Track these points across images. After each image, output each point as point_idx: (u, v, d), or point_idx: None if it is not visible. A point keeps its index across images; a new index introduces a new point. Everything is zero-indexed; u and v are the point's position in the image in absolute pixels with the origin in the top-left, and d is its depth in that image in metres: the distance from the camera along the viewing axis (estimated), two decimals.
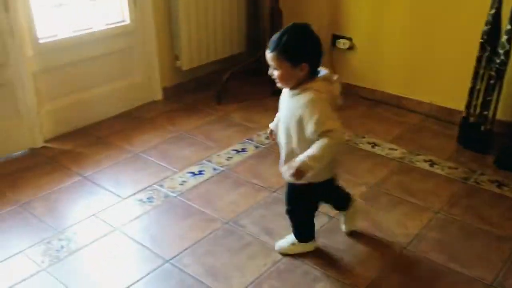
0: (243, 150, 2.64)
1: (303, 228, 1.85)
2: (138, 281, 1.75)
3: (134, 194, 2.26)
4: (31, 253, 1.88)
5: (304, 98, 1.57)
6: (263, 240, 1.95)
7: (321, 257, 1.86)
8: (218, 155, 2.59)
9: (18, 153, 2.60)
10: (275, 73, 1.59)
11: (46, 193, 2.26)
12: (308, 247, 1.87)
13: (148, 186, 2.31)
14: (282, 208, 2.12)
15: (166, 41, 3.16)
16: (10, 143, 2.55)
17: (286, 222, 2.04)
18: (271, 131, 1.84)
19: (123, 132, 2.84)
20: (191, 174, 2.42)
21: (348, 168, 2.44)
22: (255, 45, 3.50)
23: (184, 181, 2.36)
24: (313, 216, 1.84)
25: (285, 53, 1.54)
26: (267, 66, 1.63)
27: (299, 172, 1.55)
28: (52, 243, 1.94)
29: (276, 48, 1.55)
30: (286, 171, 1.60)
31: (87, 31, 2.78)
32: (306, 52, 1.56)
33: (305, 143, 1.59)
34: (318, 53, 1.59)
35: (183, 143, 2.72)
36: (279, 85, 1.63)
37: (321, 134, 1.54)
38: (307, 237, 1.86)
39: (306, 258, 1.85)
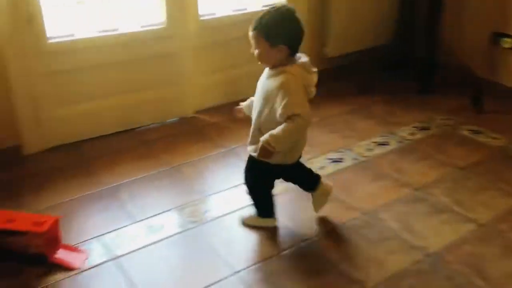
0: (385, 143, 2.56)
1: (263, 205, 1.91)
2: (276, 255, 1.80)
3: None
4: (179, 212, 2.03)
5: (278, 80, 1.63)
6: (404, 237, 1.88)
7: (469, 262, 1.74)
8: (359, 145, 2.55)
9: (170, 120, 2.81)
10: (255, 52, 1.65)
11: (194, 160, 2.41)
12: (269, 222, 1.92)
13: None
14: (426, 207, 2.04)
15: (315, 26, 3.17)
16: (165, 110, 2.77)
17: (429, 221, 1.96)
18: (238, 108, 1.91)
19: None
20: (330, 160, 2.41)
21: (500, 176, 2.25)
22: (405, 36, 3.36)
23: (323, 166, 2.36)
24: (270, 193, 1.89)
25: (264, 33, 1.60)
26: (414, 60, 1.56)
27: (263, 151, 1.62)
28: (199, 206, 2.07)
29: (257, 27, 1.62)
30: (251, 150, 1.71)
31: (244, 11, 2.89)
32: (285, 34, 1.61)
33: (271, 123, 1.65)
34: (297, 37, 1.64)
35: (324, 129, 2.71)
36: (259, 63, 1.69)
37: (288, 118, 1.59)
38: (268, 214, 1.91)
39: (450, 260, 1.75)
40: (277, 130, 1.61)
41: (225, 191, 2.17)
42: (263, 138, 1.63)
